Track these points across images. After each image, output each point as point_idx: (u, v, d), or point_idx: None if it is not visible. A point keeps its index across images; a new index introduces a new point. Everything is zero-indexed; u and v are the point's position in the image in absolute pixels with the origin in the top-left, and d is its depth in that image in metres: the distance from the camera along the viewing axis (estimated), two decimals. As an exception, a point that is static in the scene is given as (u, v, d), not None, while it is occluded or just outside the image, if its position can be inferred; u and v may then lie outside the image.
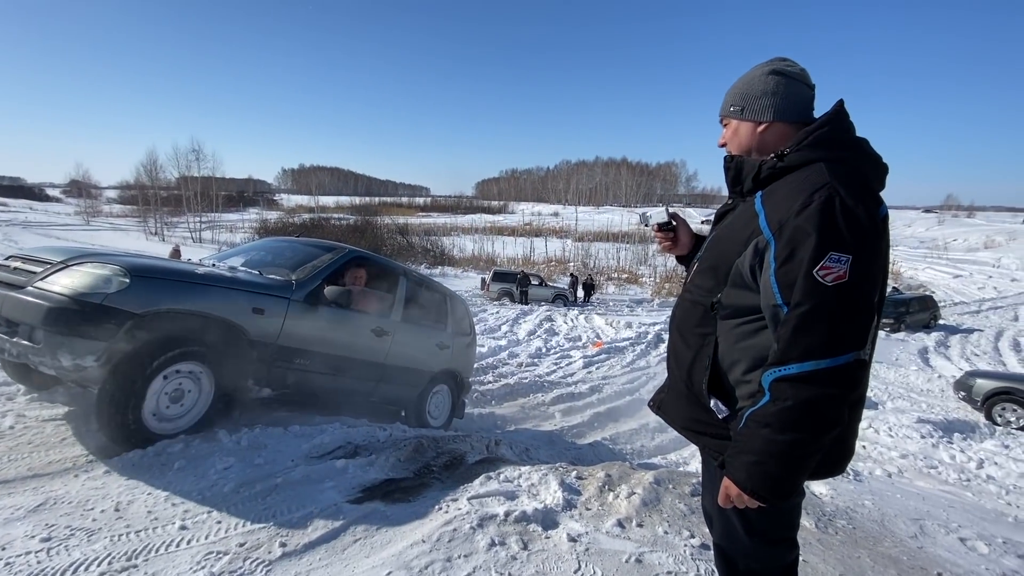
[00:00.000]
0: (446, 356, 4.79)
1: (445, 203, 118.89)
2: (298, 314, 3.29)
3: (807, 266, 1.04)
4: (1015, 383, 8.72)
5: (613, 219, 64.82)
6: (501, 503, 2.56)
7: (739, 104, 1.34)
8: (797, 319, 1.05)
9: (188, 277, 2.87)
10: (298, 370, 3.37)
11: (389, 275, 4.30)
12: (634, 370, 9.93)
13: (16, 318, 2.49)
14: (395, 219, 49.79)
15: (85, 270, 2.60)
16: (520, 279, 20.85)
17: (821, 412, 1.04)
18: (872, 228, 1.06)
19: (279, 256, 3.80)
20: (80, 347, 2.44)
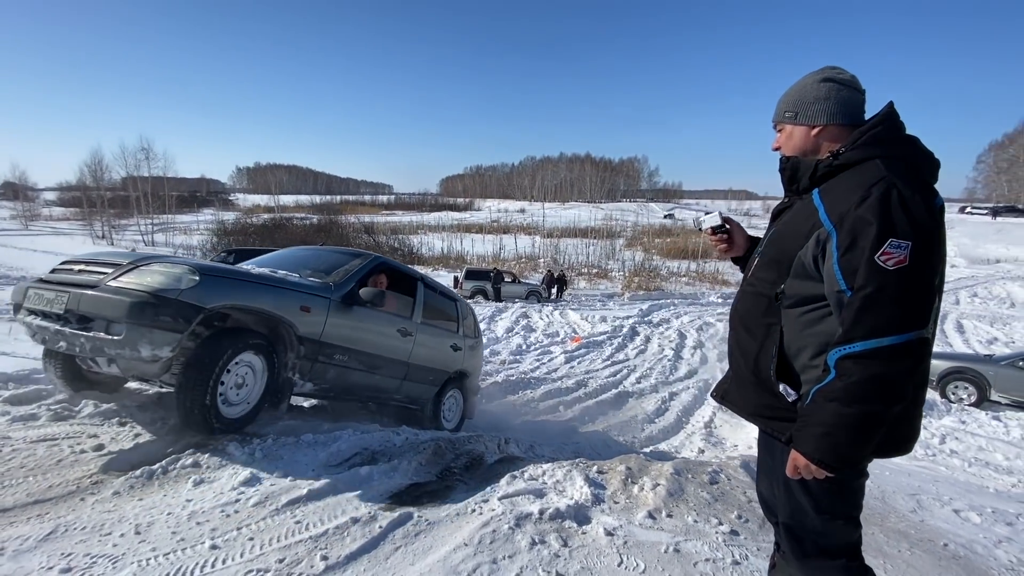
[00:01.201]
0: (460, 357, 5.06)
1: (410, 201, 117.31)
2: (337, 313, 3.53)
3: (869, 252, 1.11)
4: (965, 363, 9.36)
5: (580, 215, 65.61)
6: (532, 501, 2.56)
7: (793, 110, 1.42)
8: (861, 300, 1.11)
9: (247, 277, 3.12)
10: (337, 366, 3.61)
11: (409, 281, 4.60)
12: (615, 363, 10.09)
13: (92, 313, 2.63)
14: (360, 218, 48.76)
15: (158, 269, 2.77)
16: (494, 276, 20.83)
17: (886, 386, 1.10)
18: (929, 217, 1.14)
19: (312, 262, 4.03)
20: (158, 338, 2.61)
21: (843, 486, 1.31)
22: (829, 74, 1.39)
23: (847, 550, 1.38)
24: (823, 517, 1.33)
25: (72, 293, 2.71)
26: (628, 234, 49.08)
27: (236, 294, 2.93)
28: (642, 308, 17.12)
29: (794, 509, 1.38)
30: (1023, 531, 2.89)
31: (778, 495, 1.44)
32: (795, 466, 1.23)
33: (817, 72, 1.42)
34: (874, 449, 1.27)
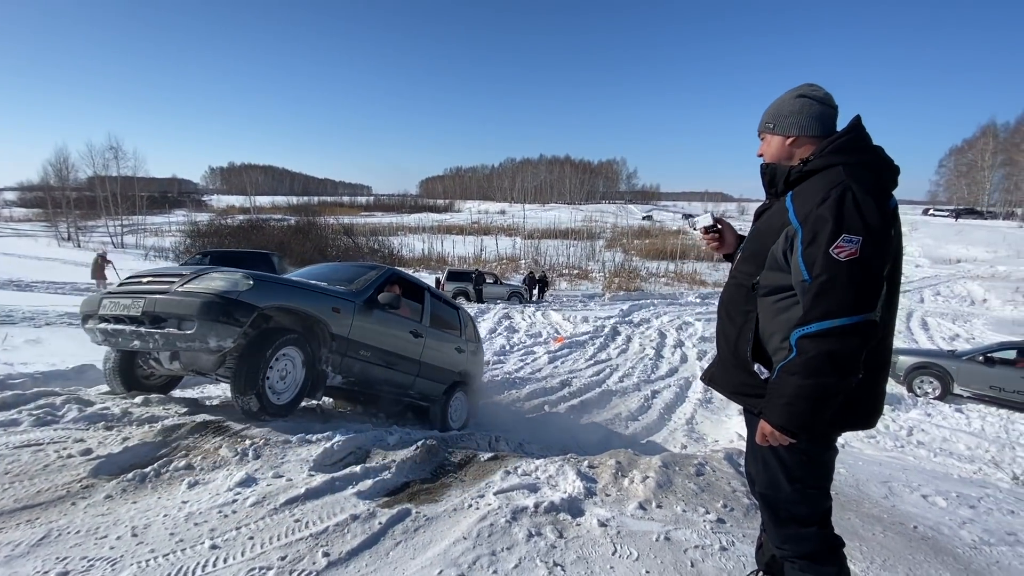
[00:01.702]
0: (463, 359, 5.54)
1: (389, 202, 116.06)
2: (361, 314, 4.08)
3: (825, 246, 1.28)
4: (930, 358, 9.78)
5: (560, 216, 65.92)
6: (527, 496, 2.62)
7: (771, 122, 1.61)
8: (817, 287, 1.28)
9: (288, 282, 3.71)
10: (362, 361, 4.13)
11: (417, 289, 5.15)
12: (597, 363, 10.23)
13: (167, 313, 3.09)
14: (339, 219, 48.12)
15: (219, 275, 3.27)
16: (475, 278, 20.82)
17: (837, 361, 1.26)
18: (879, 217, 1.29)
19: (335, 275, 4.55)
20: (223, 331, 3.09)
21: (812, 457, 1.46)
22: (804, 91, 1.56)
23: (818, 518, 1.51)
24: (795, 486, 1.47)
25: (148, 298, 3.18)
26: (608, 235, 49.58)
27: (282, 296, 3.47)
28: (623, 308, 17.35)
29: (770, 479, 1.52)
30: (984, 513, 3.07)
31: (756, 467, 1.58)
32: (763, 434, 1.40)
33: (795, 89, 1.59)
34: (841, 422, 1.44)
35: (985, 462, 5.65)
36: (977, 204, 54.42)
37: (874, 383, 1.42)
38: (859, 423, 1.47)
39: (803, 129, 1.53)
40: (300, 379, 3.57)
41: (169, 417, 3.40)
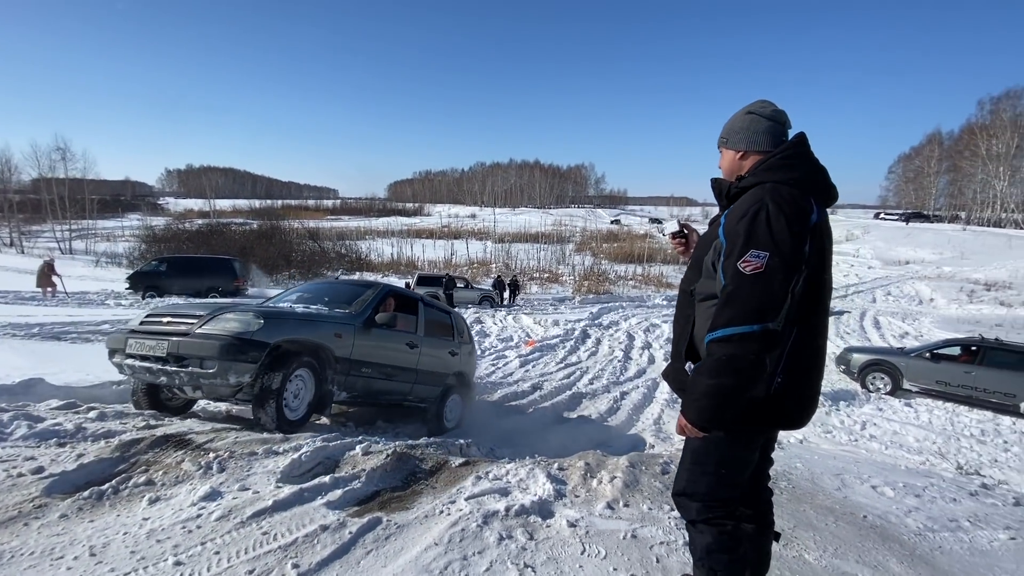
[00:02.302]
0: (457, 360, 5.93)
1: (356, 205, 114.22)
2: (361, 335, 4.46)
3: (735, 259, 1.40)
4: (882, 355, 10.31)
5: (531, 220, 66.33)
6: (498, 500, 2.66)
7: (725, 136, 1.71)
8: (724, 297, 1.41)
9: (295, 316, 4.11)
10: (364, 377, 4.54)
11: (411, 302, 5.51)
12: (568, 365, 10.34)
13: (189, 354, 3.48)
14: (304, 223, 47.01)
15: (233, 317, 3.65)
16: (446, 282, 20.72)
17: (736, 364, 1.36)
18: (788, 234, 1.37)
19: (335, 295, 4.97)
20: (241, 368, 3.51)
21: (720, 449, 1.55)
22: (752, 107, 1.66)
23: (708, 498, 1.57)
24: (694, 467, 1.59)
25: (171, 340, 3.55)
26: (577, 239, 50.17)
27: (290, 330, 3.90)
28: (592, 311, 17.58)
29: (682, 455, 1.66)
30: (928, 501, 3.28)
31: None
32: (679, 425, 1.53)
33: (748, 105, 1.69)
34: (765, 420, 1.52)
35: (932, 453, 6.00)
36: (924, 208, 57.59)
37: (801, 385, 1.50)
38: (786, 423, 1.57)
39: (750, 144, 1.62)
40: (310, 397, 4.04)
41: (127, 432, 3.28)
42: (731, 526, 1.55)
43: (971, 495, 3.51)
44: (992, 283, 22.60)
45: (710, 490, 1.57)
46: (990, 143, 47.75)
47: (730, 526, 1.55)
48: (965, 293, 21.24)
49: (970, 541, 2.72)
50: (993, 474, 5.35)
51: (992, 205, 48.98)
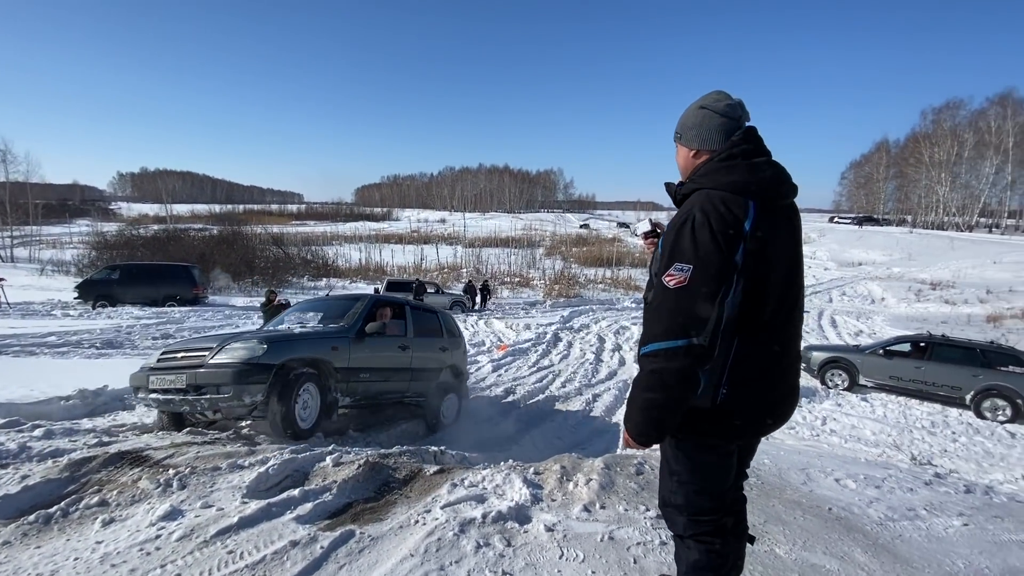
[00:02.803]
0: (448, 355, 6.42)
1: (323, 210, 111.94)
2: (355, 345, 4.94)
3: (660, 272, 1.38)
4: (838, 353, 10.74)
5: (501, 225, 66.36)
6: (474, 507, 2.62)
7: (679, 132, 1.61)
8: (649, 312, 1.41)
9: (294, 337, 4.55)
10: (363, 382, 5.02)
11: (399, 307, 5.96)
12: (540, 369, 10.36)
13: (206, 383, 3.93)
14: (267, 228, 45.63)
15: (239, 346, 4.11)
16: (416, 287, 20.48)
17: (660, 379, 1.34)
18: (713, 246, 1.31)
19: (328, 310, 5.57)
20: (253, 389, 3.95)
21: (690, 457, 1.53)
22: (705, 102, 1.54)
23: (692, 511, 1.54)
24: (672, 478, 1.58)
25: (188, 372, 4.00)
26: (547, 243, 50.50)
27: (291, 350, 4.33)
28: (563, 314, 17.70)
29: (661, 466, 1.64)
30: (888, 492, 3.41)
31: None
32: (624, 438, 1.50)
33: (701, 98, 1.56)
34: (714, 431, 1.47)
35: (888, 445, 6.27)
36: (874, 212, 60.60)
37: (750, 395, 1.44)
38: (735, 434, 1.49)
39: (703, 142, 1.52)
40: (318, 406, 4.44)
41: (77, 450, 3.10)
42: (719, 544, 1.53)
43: (926, 484, 3.68)
44: (937, 283, 23.92)
45: (688, 501, 1.55)
46: (932, 151, 50.76)
47: (718, 544, 1.53)
48: (913, 292, 22.40)
49: (927, 529, 2.85)
50: (944, 463, 5.63)
51: (935, 209, 51.96)
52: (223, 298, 20.74)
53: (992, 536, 2.76)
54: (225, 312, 15.32)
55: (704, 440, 1.50)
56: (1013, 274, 24.18)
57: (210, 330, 12.06)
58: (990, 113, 46.61)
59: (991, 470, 5.44)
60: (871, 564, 2.41)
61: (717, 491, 1.55)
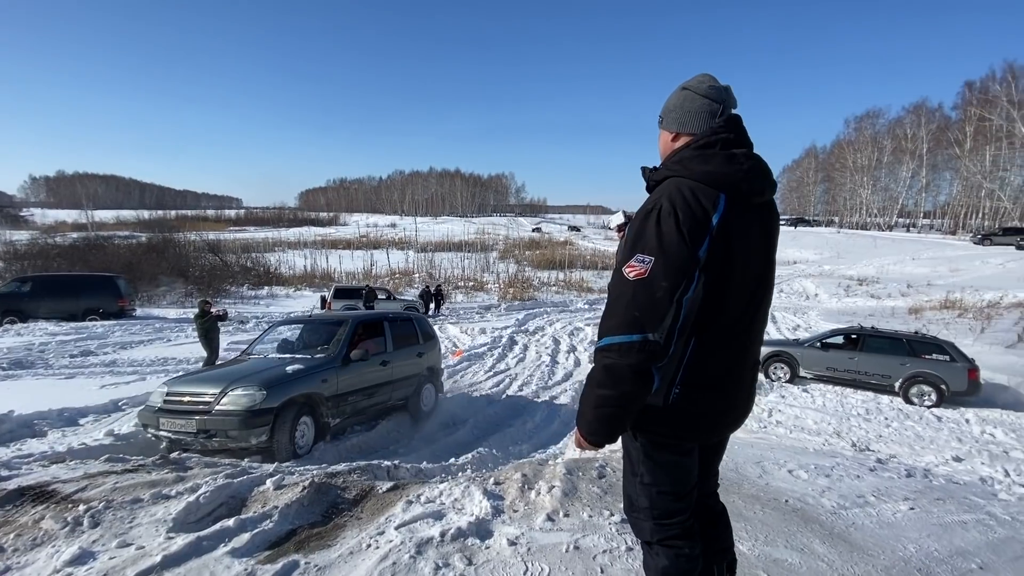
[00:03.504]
0: (424, 359, 7.05)
1: (264, 215, 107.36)
2: (342, 372, 5.54)
3: (621, 263, 1.29)
4: (781, 347, 11.24)
5: (453, 229, 65.80)
6: (432, 525, 2.46)
7: (661, 115, 1.51)
8: (607, 305, 1.31)
9: (289, 378, 5.00)
10: (351, 403, 5.66)
11: (378, 323, 6.60)
12: (497, 373, 10.23)
13: (215, 429, 4.48)
14: (203, 235, 43.01)
15: (240, 393, 4.59)
16: (366, 294, 19.82)
17: (613, 374, 1.26)
18: (678, 237, 1.24)
19: (312, 337, 6.27)
20: (259, 432, 4.54)
21: (653, 459, 1.45)
22: (690, 83, 1.46)
23: (658, 513, 1.47)
24: (636, 479, 1.49)
25: (197, 419, 4.50)
26: (500, 247, 50.53)
27: (287, 391, 4.87)
28: (518, 318, 17.66)
29: (625, 469, 1.55)
30: (837, 480, 3.52)
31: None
32: (576, 439, 1.40)
33: (688, 80, 1.47)
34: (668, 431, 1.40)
35: (829, 434, 6.57)
36: (806, 214, 64.72)
37: (704, 397, 1.39)
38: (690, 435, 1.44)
39: (681, 125, 1.44)
40: (313, 433, 5.12)
41: (-34, 488, 2.67)
42: (687, 548, 1.46)
43: (871, 471, 3.83)
44: (863, 278, 25.69)
45: (653, 503, 1.47)
46: (856, 156, 54.88)
47: (686, 548, 1.46)
48: (843, 288, 23.93)
49: (877, 515, 2.93)
50: (881, 448, 5.95)
51: (859, 210, 56.12)
52: (155, 310, 19.31)
53: (937, 519, 2.88)
54: (155, 326, 14.21)
55: (660, 439, 1.43)
56: (930, 269, 26.38)
57: (137, 346, 11.16)
58: (906, 121, 50.89)
59: (923, 453, 5.80)
60: (830, 554, 2.44)
61: (681, 491, 1.47)
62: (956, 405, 8.61)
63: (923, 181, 50.23)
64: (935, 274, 25.03)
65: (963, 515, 2.93)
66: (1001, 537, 2.64)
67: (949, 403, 8.63)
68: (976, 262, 26.78)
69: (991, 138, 41.30)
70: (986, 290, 18.77)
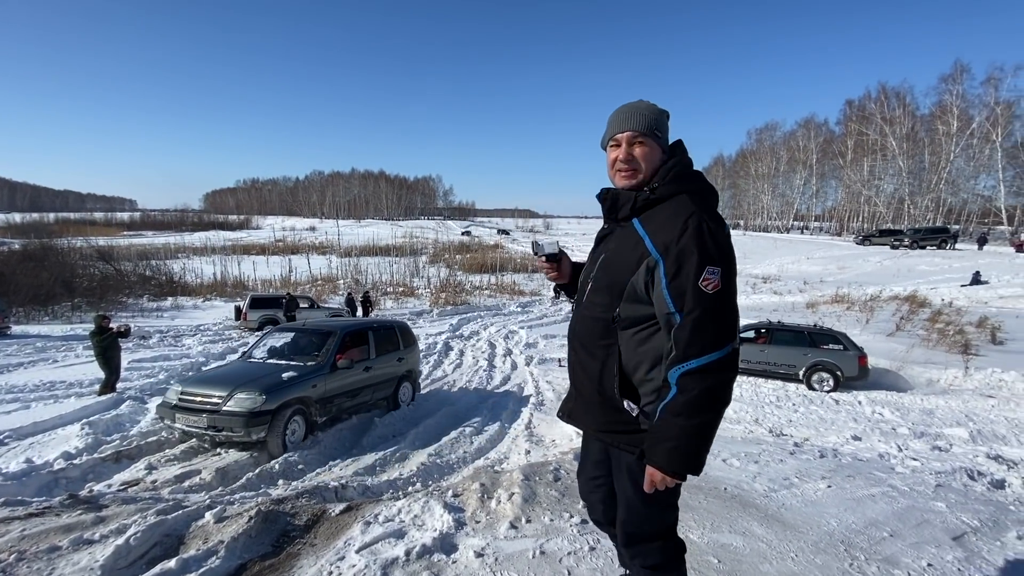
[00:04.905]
0: (404, 363, 7.97)
1: (163, 219, 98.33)
2: (329, 378, 6.40)
3: (693, 279, 1.26)
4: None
5: (379, 232, 63.96)
6: (394, 544, 2.39)
7: (659, 130, 1.49)
8: (692, 323, 1.26)
9: (286, 383, 5.86)
10: (336, 403, 6.53)
11: (363, 332, 7.44)
12: (434, 380, 10.09)
13: (223, 425, 5.38)
14: (91, 240, 38.38)
15: (244, 396, 5.47)
16: (287, 303, 18.72)
17: (718, 394, 1.26)
18: (729, 244, 1.32)
19: (306, 346, 6.98)
20: (258, 429, 5.40)
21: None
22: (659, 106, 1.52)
23: (664, 531, 1.52)
24: (651, 507, 1.46)
25: (208, 416, 5.39)
26: (430, 251, 49.83)
27: (282, 395, 5.69)
28: (452, 323, 17.52)
29: (628, 505, 1.50)
30: (765, 465, 3.85)
31: (619, 498, 1.54)
32: (651, 481, 1.31)
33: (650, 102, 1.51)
34: None
35: (749, 422, 7.15)
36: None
37: None
38: None
39: (666, 148, 1.48)
40: (303, 430, 5.93)
41: None
42: (684, 567, 1.53)
43: (791, 454, 4.23)
44: (767, 277, 28.26)
45: (665, 522, 1.49)
46: (757, 165, 60.39)
47: (684, 567, 1.53)
48: (750, 286, 26.11)
49: (802, 494, 3.25)
50: (793, 432, 6.57)
51: (761, 214, 61.66)
52: (35, 327, 16.96)
53: (850, 494, 3.24)
54: (36, 345, 12.48)
55: None
56: (822, 267, 29.53)
57: (16, 369, 9.77)
58: (799, 134, 56.76)
59: (826, 434, 6.49)
60: (768, 535, 2.66)
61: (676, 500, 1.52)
62: (850, 389, 9.71)
63: (814, 188, 56.26)
64: (826, 272, 28.08)
65: (871, 489, 3.32)
66: (904, 507, 3.03)
67: (844, 387, 9.72)
68: (859, 260, 30.39)
69: (868, 151, 47.21)
70: (868, 285, 21.36)
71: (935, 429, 6.94)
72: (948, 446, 5.84)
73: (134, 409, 6.99)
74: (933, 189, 42.23)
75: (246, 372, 6.14)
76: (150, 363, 10.37)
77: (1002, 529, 2.77)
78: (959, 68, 40.34)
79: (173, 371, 9.58)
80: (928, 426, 7.13)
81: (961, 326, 13.43)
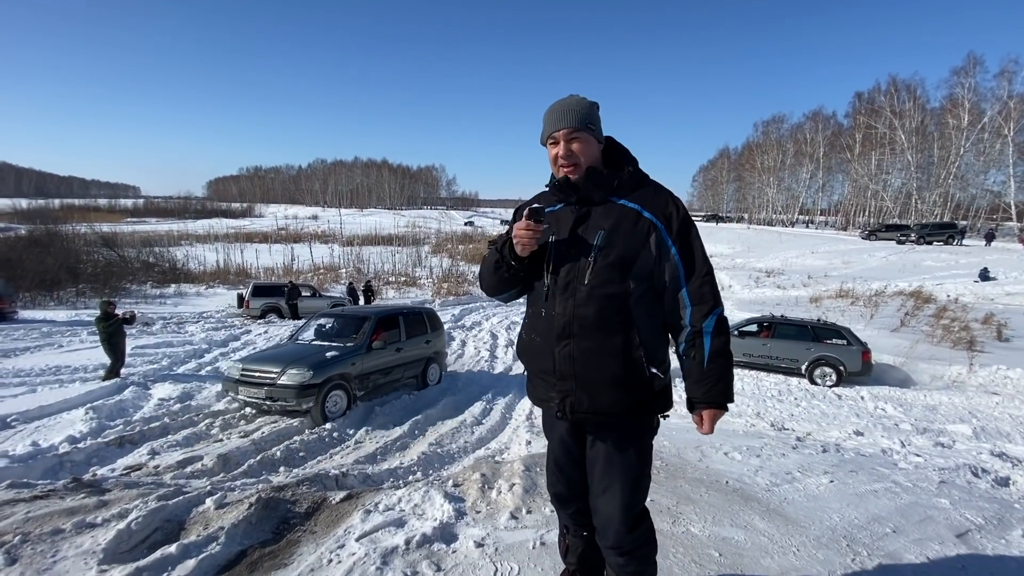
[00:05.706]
0: (431, 346, 8.78)
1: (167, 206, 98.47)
2: (365, 357, 7.32)
3: (699, 243, 1.50)
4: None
5: (382, 222, 63.84)
6: (394, 533, 2.39)
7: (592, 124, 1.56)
8: (708, 279, 1.48)
9: (329, 361, 6.78)
10: (372, 380, 7.45)
11: (395, 317, 8.33)
12: (436, 370, 10.10)
13: (278, 396, 6.31)
14: (96, 227, 38.45)
15: (295, 371, 6.40)
16: (289, 291, 18.76)
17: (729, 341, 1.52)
18: None
19: (345, 328, 7.92)
20: (307, 400, 6.35)
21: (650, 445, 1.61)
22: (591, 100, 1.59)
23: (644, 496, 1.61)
24: (640, 480, 1.55)
25: (266, 388, 6.36)
26: (433, 241, 49.76)
27: (327, 371, 6.63)
28: (454, 313, 17.54)
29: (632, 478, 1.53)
30: (767, 459, 3.83)
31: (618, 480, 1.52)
32: (711, 423, 1.50)
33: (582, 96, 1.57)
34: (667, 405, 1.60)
35: (750, 416, 7.13)
36: (720, 211, 69.55)
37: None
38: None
39: (600, 138, 1.56)
40: (344, 403, 6.80)
41: None
42: None
43: (793, 448, 4.21)
44: (770, 271, 28.09)
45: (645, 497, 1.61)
46: (763, 158, 59.75)
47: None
48: (753, 280, 26.01)
49: (804, 489, 3.23)
50: (794, 427, 6.56)
51: (766, 208, 61.18)
52: (41, 312, 17.07)
53: (853, 489, 3.22)
54: (42, 330, 12.57)
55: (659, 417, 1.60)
56: (827, 262, 29.35)
57: (23, 353, 9.84)
58: (806, 126, 56.09)
59: (828, 428, 6.47)
60: (770, 529, 2.65)
61: None
62: (852, 384, 9.68)
63: (820, 182, 55.70)
64: (831, 266, 27.90)
65: (874, 484, 3.30)
66: (907, 503, 3.01)
67: (846, 383, 9.68)
68: (864, 255, 30.16)
69: (876, 144, 46.61)
70: (873, 280, 21.21)
71: (938, 425, 6.92)
72: (951, 443, 5.82)
73: (137, 395, 7.04)
74: (941, 184, 41.76)
75: (296, 352, 7.06)
76: (153, 349, 10.42)
77: (1007, 527, 2.75)
78: (972, 60, 39.71)
79: (176, 358, 9.63)
80: (931, 422, 7.10)
81: (966, 323, 13.34)
